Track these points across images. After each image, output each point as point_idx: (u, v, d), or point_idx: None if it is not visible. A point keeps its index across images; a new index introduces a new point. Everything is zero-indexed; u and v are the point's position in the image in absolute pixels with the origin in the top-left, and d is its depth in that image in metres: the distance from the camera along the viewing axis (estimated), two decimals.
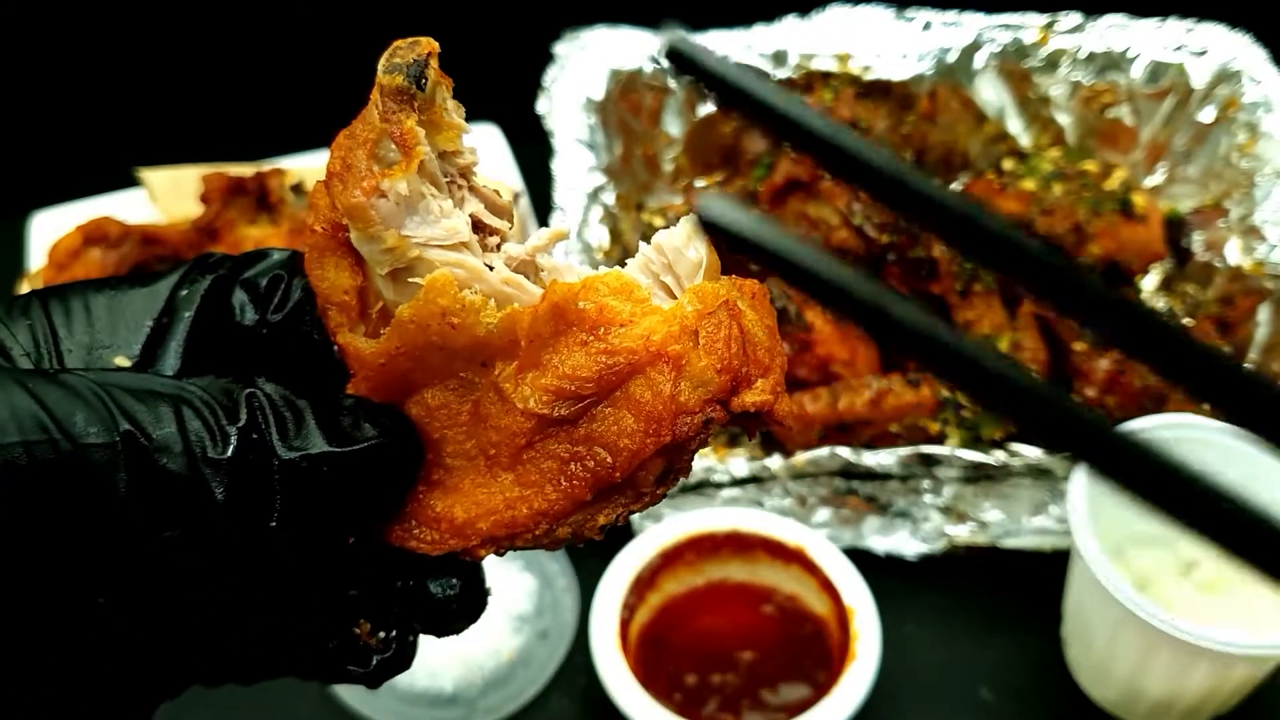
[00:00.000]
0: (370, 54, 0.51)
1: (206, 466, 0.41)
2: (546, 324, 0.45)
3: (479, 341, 0.45)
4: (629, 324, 0.44)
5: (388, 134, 0.46)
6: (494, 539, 0.46)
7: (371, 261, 0.46)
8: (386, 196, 0.45)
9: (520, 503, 0.46)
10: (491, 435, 0.46)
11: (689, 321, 0.44)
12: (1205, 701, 1.01)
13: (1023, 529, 1.15)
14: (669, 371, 0.43)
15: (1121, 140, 1.42)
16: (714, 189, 1.47)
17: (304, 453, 0.44)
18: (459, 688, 1.11)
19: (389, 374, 0.46)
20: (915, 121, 1.42)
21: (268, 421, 0.44)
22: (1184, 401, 1.17)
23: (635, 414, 0.44)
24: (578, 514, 0.46)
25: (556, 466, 0.45)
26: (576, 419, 0.45)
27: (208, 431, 0.42)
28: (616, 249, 1.31)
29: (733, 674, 1.06)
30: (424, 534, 0.47)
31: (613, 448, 0.44)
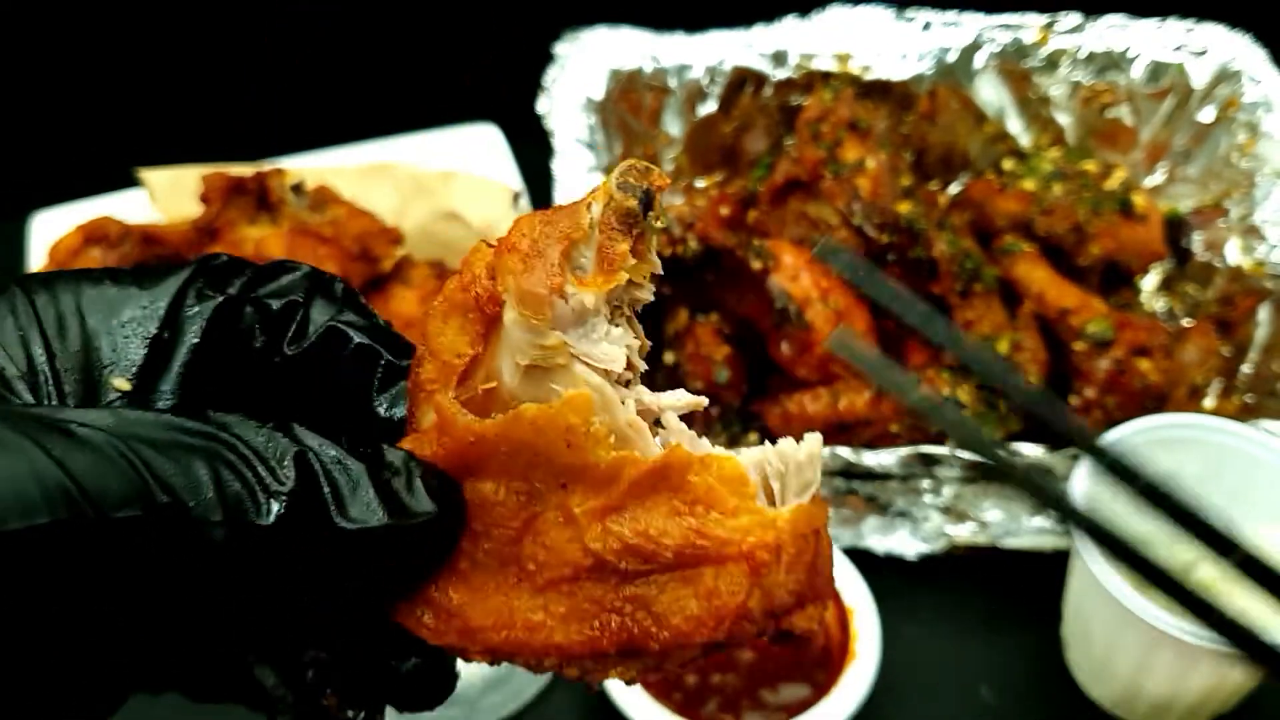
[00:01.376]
0: (370, 54, 0.51)
1: (246, 535, 0.38)
2: (652, 479, 0.44)
3: (580, 467, 0.45)
4: (728, 515, 0.44)
5: (599, 247, 0.45)
6: (495, 651, 0.46)
7: (515, 347, 0.45)
8: (568, 301, 0.45)
9: (541, 629, 0.45)
10: (539, 553, 0.45)
11: (784, 535, 0.44)
12: (1205, 701, 1.01)
13: (1023, 529, 1.15)
14: (748, 576, 0.43)
15: (1121, 140, 1.42)
16: (844, 331, 1.47)
17: (364, 525, 0.40)
18: (459, 687, 1.10)
19: (469, 453, 0.45)
20: (915, 121, 1.42)
21: (318, 485, 0.40)
22: (1184, 401, 1.17)
23: (701, 601, 0.44)
24: (592, 662, 0.45)
25: (593, 611, 0.44)
26: (633, 577, 0.44)
27: (248, 493, 0.39)
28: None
29: (732, 674, 1.06)
30: (429, 620, 0.46)
31: (663, 621, 0.44)
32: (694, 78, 1.42)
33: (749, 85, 1.43)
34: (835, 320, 1.20)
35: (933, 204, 1.39)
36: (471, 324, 0.46)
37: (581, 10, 1.47)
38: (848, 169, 1.28)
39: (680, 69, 1.42)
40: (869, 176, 1.27)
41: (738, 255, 1.21)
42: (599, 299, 0.46)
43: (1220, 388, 1.23)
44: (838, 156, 1.29)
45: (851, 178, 1.27)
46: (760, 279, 1.20)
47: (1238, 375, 1.23)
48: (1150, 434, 1.03)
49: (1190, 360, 1.17)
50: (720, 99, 1.43)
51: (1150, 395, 1.14)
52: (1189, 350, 1.17)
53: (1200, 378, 1.18)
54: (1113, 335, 1.16)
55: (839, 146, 1.30)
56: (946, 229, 1.25)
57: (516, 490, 0.45)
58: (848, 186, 1.26)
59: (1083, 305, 1.20)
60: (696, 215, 1.23)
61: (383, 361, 0.47)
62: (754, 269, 1.20)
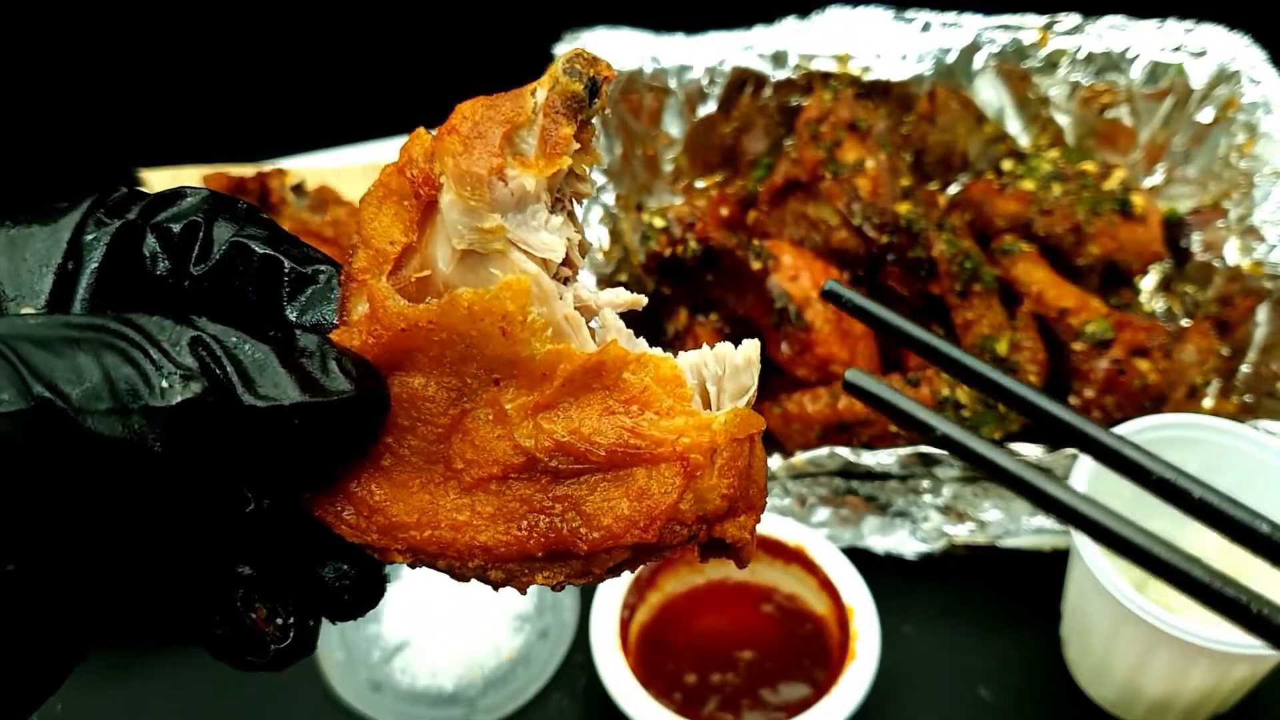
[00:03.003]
0: (371, 56, 0.51)
1: (143, 419, 0.36)
2: (584, 374, 0.43)
3: (512, 359, 0.43)
4: (663, 415, 0.43)
5: (541, 130, 0.44)
6: (418, 551, 0.44)
7: (451, 231, 0.44)
8: (507, 184, 0.44)
9: (466, 529, 0.43)
10: (467, 451, 0.43)
11: (719, 438, 0.43)
12: (1204, 701, 1.01)
13: (1022, 529, 1.15)
14: (681, 477, 0.43)
15: (1120, 141, 1.42)
16: (858, 371, 1.48)
17: (275, 402, 0.39)
18: (459, 687, 1.11)
19: (400, 342, 0.43)
20: (915, 122, 1.42)
21: (222, 364, 0.38)
22: (1182, 401, 1.17)
23: (632, 502, 0.43)
24: (517, 565, 0.44)
25: (520, 511, 0.43)
26: (564, 477, 0.43)
27: (141, 378, 0.37)
28: (617, 249, 1.31)
29: (732, 673, 1.06)
30: (350, 517, 0.44)
31: (593, 521, 0.43)
32: (694, 78, 1.42)
33: (749, 86, 1.43)
34: (835, 320, 1.20)
35: (932, 204, 1.39)
36: (406, 210, 0.44)
37: (582, 11, 1.47)
38: (847, 169, 1.28)
39: (680, 70, 1.42)
40: (868, 177, 1.27)
41: (737, 255, 1.21)
42: (540, 183, 0.44)
43: (1219, 388, 1.23)
44: (837, 157, 1.29)
45: (851, 178, 1.27)
46: (760, 279, 1.21)
47: (1236, 375, 1.23)
48: (1149, 434, 1.03)
49: (1189, 360, 1.17)
50: (720, 100, 1.43)
51: (1149, 395, 1.15)
52: (1188, 350, 1.17)
53: (1199, 378, 1.18)
54: (1112, 335, 1.16)
55: (838, 147, 1.30)
56: (946, 229, 1.25)
57: (446, 385, 0.44)
58: (847, 187, 1.26)
59: (1082, 305, 1.20)
60: (696, 215, 1.23)
61: (287, 269, 0.45)
62: (753, 269, 1.21)
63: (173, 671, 1.16)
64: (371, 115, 1.64)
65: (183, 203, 0.46)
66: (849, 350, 1.21)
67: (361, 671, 1.12)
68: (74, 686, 1.24)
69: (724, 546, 0.46)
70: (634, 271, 1.30)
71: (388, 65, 1.67)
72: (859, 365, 1.22)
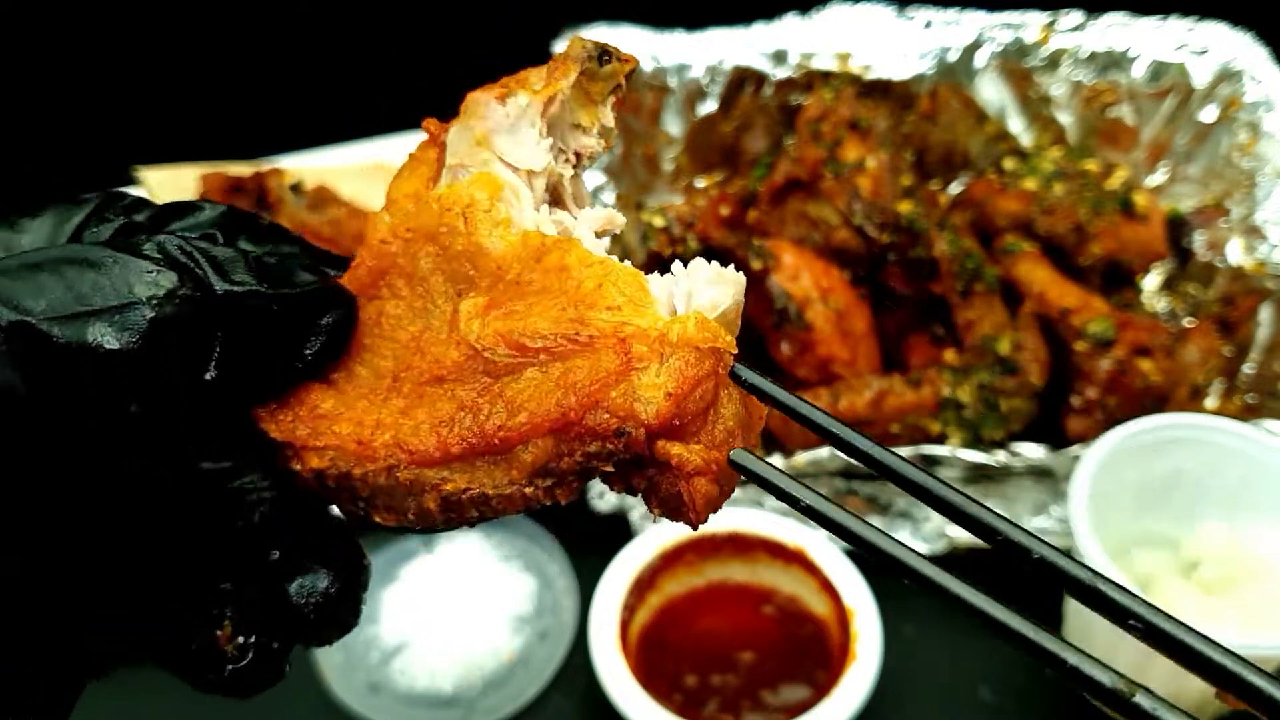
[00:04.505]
0: (370, 55, 0.52)
1: (111, 319, 0.36)
2: (541, 273, 0.42)
3: (474, 255, 0.43)
4: (614, 309, 0.40)
5: (548, 69, 0.47)
6: (335, 451, 0.42)
7: (450, 155, 0.46)
8: (504, 106, 0.46)
9: (390, 428, 0.42)
10: (416, 360, 0.43)
11: (671, 335, 0.39)
12: (1206, 703, 1.01)
13: None
14: (619, 364, 0.39)
15: (1123, 139, 1.41)
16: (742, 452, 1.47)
17: (251, 287, 0.39)
18: (459, 688, 1.11)
19: (380, 260, 0.45)
20: (916, 121, 1.42)
21: (194, 257, 0.39)
22: (1185, 401, 1.16)
23: (558, 387, 0.40)
24: (433, 470, 0.41)
25: (449, 412, 0.41)
26: (500, 373, 0.41)
27: (110, 281, 0.37)
28: (616, 248, 1.31)
29: (733, 675, 1.06)
30: (284, 416, 0.43)
31: (514, 408, 0.40)
32: (694, 77, 1.42)
33: (749, 84, 1.43)
34: (835, 320, 1.20)
35: (934, 203, 1.39)
36: (425, 168, 0.47)
37: (581, 9, 1.47)
38: (848, 168, 1.27)
39: (680, 68, 1.41)
40: (869, 176, 1.27)
41: (738, 255, 1.21)
42: (532, 107, 0.47)
43: (1222, 388, 1.23)
44: (838, 156, 1.29)
45: (852, 177, 1.27)
46: (760, 279, 1.20)
47: (1239, 375, 1.22)
48: (1151, 434, 1.03)
49: (1191, 360, 1.16)
50: (720, 98, 1.43)
51: (1151, 395, 1.14)
52: (1190, 350, 1.17)
53: (1202, 378, 1.18)
54: (1114, 335, 1.16)
55: (839, 146, 1.30)
56: (947, 228, 1.25)
57: (411, 306, 0.44)
58: (848, 186, 1.26)
59: (1084, 305, 1.20)
60: (696, 215, 1.23)
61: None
62: (754, 269, 1.20)
63: (169, 675, 1.15)
64: (371, 115, 1.64)
65: (199, 214, 0.45)
66: (850, 350, 1.21)
67: (360, 673, 1.12)
68: None
69: (667, 470, 0.40)
70: None
71: (387, 64, 1.67)
72: (860, 365, 1.21)
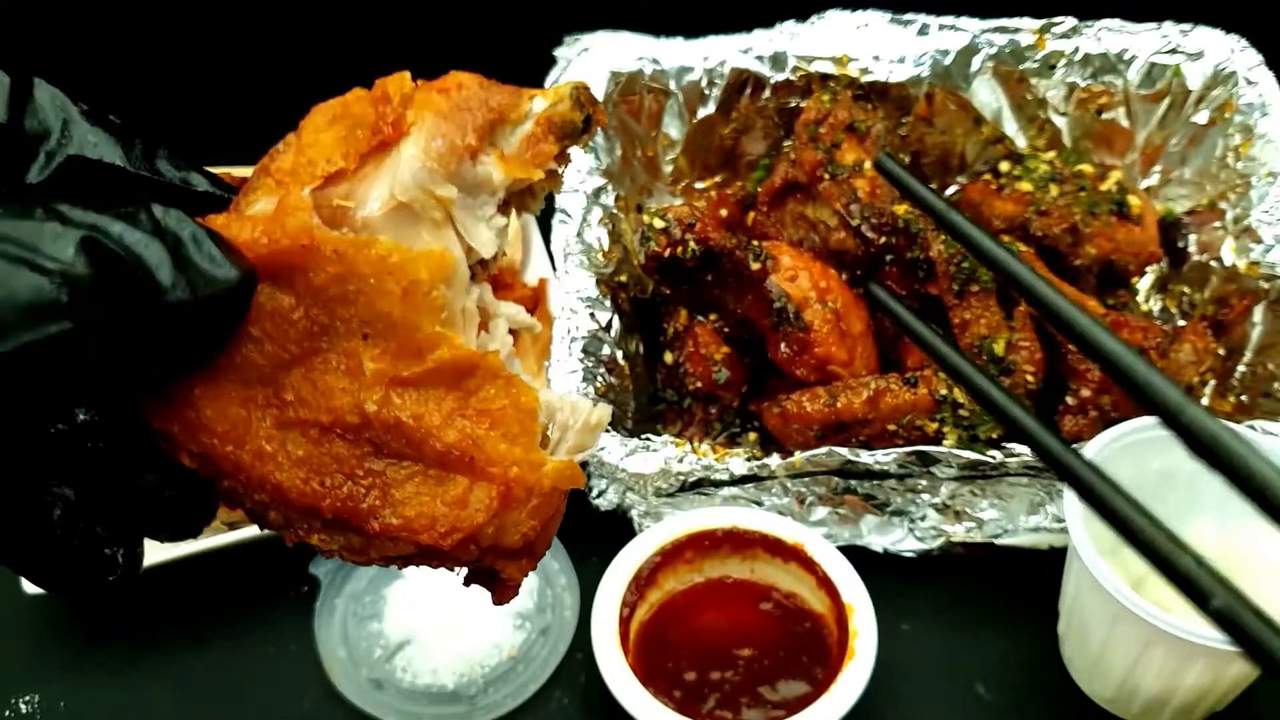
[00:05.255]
0: (370, 54, 0.51)
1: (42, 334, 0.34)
2: (456, 372, 0.43)
3: (396, 324, 0.42)
4: (506, 440, 0.43)
5: (528, 136, 0.45)
6: (209, 461, 0.42)
7: (399, 180, 0.43)
8: (475, 166, 0.44)
9: (268, 460, 0.41)
10: (304, 388, 0.42)
11: (543, 482, 0.43)
12: (1200, 699, 1.02)
13: (1019, 527, 1.15)
14: (498, 502, 0.42)
15: (1117, 142, 1.43)
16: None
17: (181, 299, 0.37)
18: (460, 684, 1.12)
19: (294, 257, 0.41)
20: (912, 124, 1.43)
21: (115, 265, 0.36)
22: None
23: (444, 506, 0.42)
24: (300, 516, 0.43)
25: (329, 467, 0.42)
26: (386, 454, 0.42)
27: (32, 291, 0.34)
28: (616, 249, 1.32)
29: (732, 671, 1.07)
30: (154, 402, 0.42)
31: (396, 507, 0.42)
32: (693, 80, 1.43)
33: (748, 88, 1.44)
34: (834, 320, 1.21)
35: None
36: (358, 140, 0.43)
37: (582, 14, 1.48)
38: (846, 170, 1.29)
39: (680, 71, 1.42)
40: (866, 178, 1.28)
41: (736, 256, 1.22)
42: (504, 181, 0.44)
43: (1215, 388, 1.24)
44: (836, 158, 1.30)
45: (849, 179, 1.28)
46: (759, 280, 1.21)
47: (1232, 375, 1.23)
48: (1145, 434, 1.04)
49: (1185, 360, 1.17)
50: (719, 102, 1.44)
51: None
52: (1184, 350, 1.18)
53: (1195, 378, 1.19)
54: None
55: (837, 148, 1.31)
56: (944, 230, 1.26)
57: (315, 317, 0.42)
58: (846, 188, 1.27)
59: (1079, 305, 1.21)
60: (696, 216, 1.24)
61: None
62: (753, 270, 1.21)
63: (173, 671, 1.17)
64: None
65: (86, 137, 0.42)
66: (847, 350, 1.22)
67: (363, 669, 1.13)
68: (73, 686, 1.26)
69: (494, 580, 0.46)
70: (633, 272, 1.31)
71: (387, 66, 1.68)
72: (858, 365, 1.23)
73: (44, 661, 1.18)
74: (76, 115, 0.42)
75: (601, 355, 1.22)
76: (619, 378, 1.24)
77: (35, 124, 0.41)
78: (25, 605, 1.20)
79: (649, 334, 1.33)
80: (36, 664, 1.17)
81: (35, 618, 1.21)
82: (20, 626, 1.20)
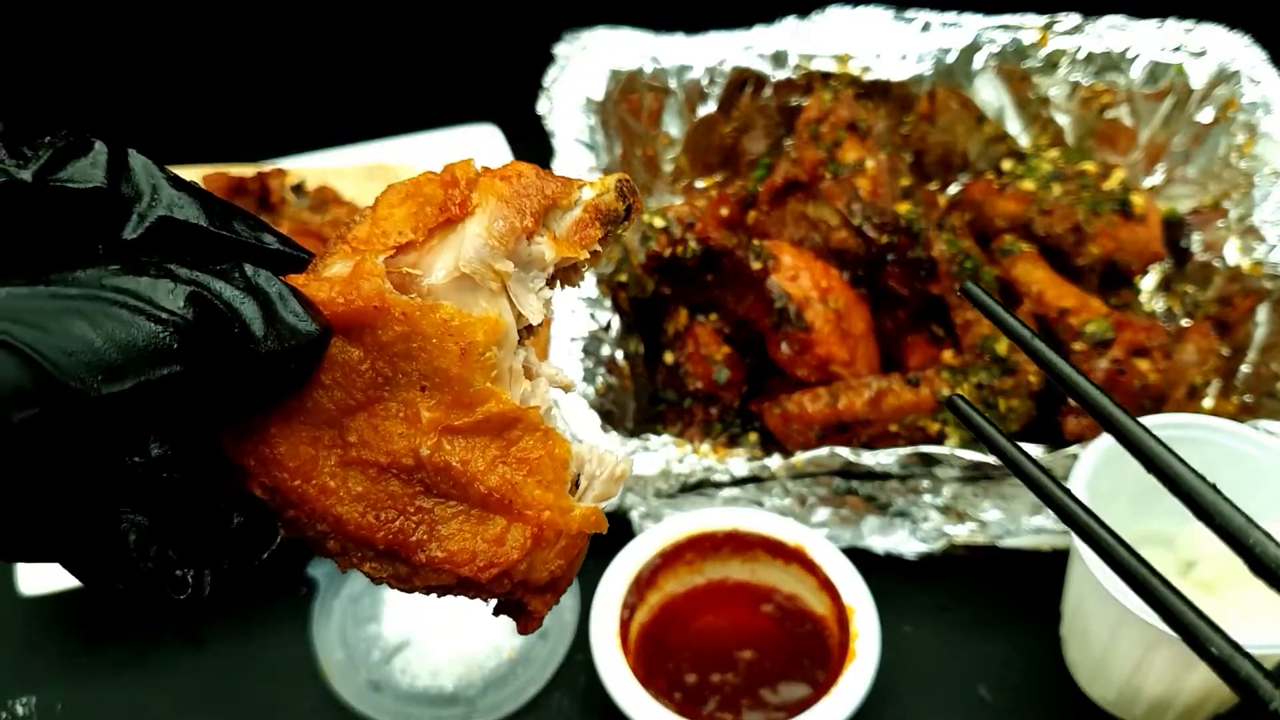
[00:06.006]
0: (372, 57, 0.52)
1: (152, 386, 0.38)
2: (502, 423, 0.48)
3: (452, 379, 0.47)
4: (541, 486, 0.48)
5: (577, 221, 0.51)
6: (278, 493, 0.47)
7: (463, 253, 0.48)
8: (530, 245, 0.49)
9: (331, 495, 0.47)
10: (365, 431, 0.47)
11: (571, 525, 0.49)
12: (1203, 701, 1.01)
13: (1022, 529, 1.15)
14: (531, 541, 0.48)
15: (1120, 141, 1.42)
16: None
17: (272, 349, 0.41)
18: (459, 686, 1.11)
19: (366, 316, 0.46)
20: (915, 122, 1.42)
21: (221, 317, 0.41)
22: (1182, 401, 1.17)
23: (483, 542, 0.47)
24: (355, 546, 0.48)
25: (384, 503, 0.47)
26: (435, 494, 0.47)
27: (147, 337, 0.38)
28: (617, 249, 1.31)
29: (732, 673, 1.06)
30: (231, 436, 0.46)
31: (441, 541, 0.47)
32: (694, 78, 1.42)
33: (749, 86, 1.43)
34: (835, 320, 1.20)
35: (932, 204, 1.39)
36: (427, 216, 0.49)
37: (582, 11, 1.47)
38: (847, 169, 1.28)
39: (680, 70, 1.42)
40: (868, 177, 1.27)
41: (737, 256, 1.21)
42: (554, 259, 0.50)
43: (1219, 388, 1.24)
44: (837, 157, 1.30)
45: (851, 178, 1.27)
46: (760, 279, 1.21)
47: (1236, 375, 1.23)
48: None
49: (1189, 360, 1.17)
50: (720, 100, 1.44)
51: (1149, 395, 1.15)
52: (1188, 350, 1.17)
53: (1199, 378, 1.18)
54: (1112, 335, 1.16)
55: (838, 147, 1.30)
56: (946, 229, 1.26)
57: (380, 369, 0.47)
58: (847, 187, 1.27)
59: (1082, 305, 1.20)
60: (696, 216, 1.23)
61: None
62: (753, 269, 1.21)
63: (170, 673, 1.16)
64: (371, 115, 1.64)
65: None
66: (849, 350, 1.21)
67: (362, 671, 1.13)
68: (73, 686, 1.25)
69: (521, 612, 0.51)
70: (634, 272, 1.30)
71: (388, 65, 1.67)
72: (859, 365, 1.22)
73: (41, 664, 1.17)
74: (163, 181, 0.47)
75: (601, 355, 1.21)
76: (619, 378, 1.23)
77: (129, 189, 0.45)
78: (22, 607, 1.19)
79: (649, 334, 1.32)
80: (33, 666, 1.17)
81: (32, 620, 1.20)
82: (17, 629, 1.20)
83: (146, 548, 0.43)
